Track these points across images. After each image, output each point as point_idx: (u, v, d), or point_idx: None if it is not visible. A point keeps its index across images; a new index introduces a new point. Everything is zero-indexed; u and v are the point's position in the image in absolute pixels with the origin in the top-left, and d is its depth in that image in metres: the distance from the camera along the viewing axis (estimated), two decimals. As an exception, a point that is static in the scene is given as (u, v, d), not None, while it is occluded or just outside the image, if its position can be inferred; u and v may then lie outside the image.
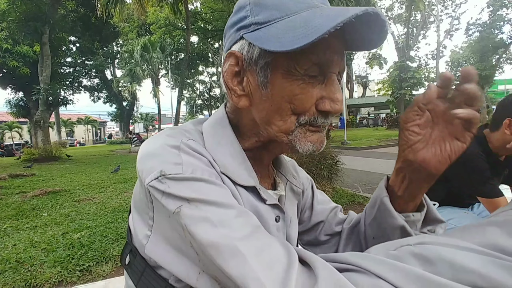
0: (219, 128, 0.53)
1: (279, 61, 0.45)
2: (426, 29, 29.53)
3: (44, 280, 2.29)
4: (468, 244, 0.35)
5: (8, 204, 4.63)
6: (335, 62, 0.46)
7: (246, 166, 0.51)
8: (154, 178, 0.43)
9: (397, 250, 0.38)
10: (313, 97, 0.45)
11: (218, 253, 0.37)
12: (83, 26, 15.66)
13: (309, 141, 0.47)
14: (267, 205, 0.52)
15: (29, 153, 11.03)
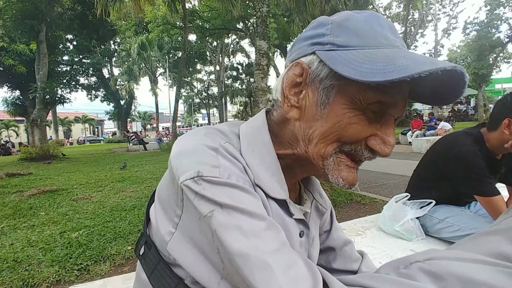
0: (257, 134, 0.52)
1: (346, 87, 0.43)
2: (424, 28, 29.60)
3: (41, 280, 2.29)
4: (475, 256, 0.35)
5: (5, 203, 4.61)
6: (399, 106, 0.45)
7: (279, 178, 0.50)
8: (189, 177, 0.42)
9: (407, 268, 0.38)
10: (367, 132, 0.44)
11: (246, 264, 0.37)
12: (80, 24, 15.54)
13: (341, 177, 0.46)
14: (293, 219, 0.51)
15: (26, 152, 10.97)
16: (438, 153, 1.65)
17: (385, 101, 0.43)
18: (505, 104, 1.39)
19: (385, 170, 7.08)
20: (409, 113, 26.74)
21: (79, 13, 15.44)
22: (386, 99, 0.43)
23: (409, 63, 0.37)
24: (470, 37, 25.11)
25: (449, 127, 11.14)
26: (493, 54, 23.71)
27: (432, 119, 13.00)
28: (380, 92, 0.42)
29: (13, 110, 15.70)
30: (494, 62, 24.24)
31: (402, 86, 0.43)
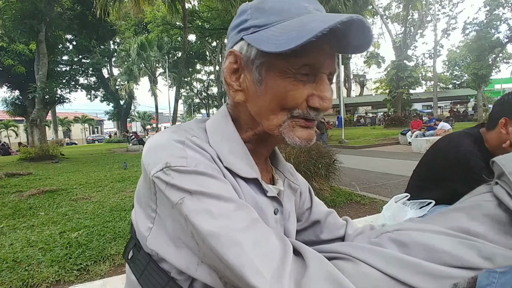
0: (221, 125, 0.56)
1: (273, 61, 0.48)
2: (424, 28, 29.61)
3: (41, 280, 2.28)
4: (438, 228, 0.39)
5: (4, 203, 4.60)
6: (325, 64, 0.49)
7: (248, 160, 0.54)
8: (159, 169, 0.45)
9: (378, 237, 0.42)
10: (304, 94, 0.48)
11: (218, 242, 0.39)
12: (80, 24, 15.55)
13: (296, 136, 0.51)
14: (266, 198, 0.55)
15: (25, 152, 10.96)
16: (437, 154, 1.65)
17: (310, 63, 0.47)
18: (503, 104, 1.40)
19: (385, 170, 7.08)
20: (408, 113, 26.78)
21: (79, 13, 15.45)
22: (310, 60, 0.47)
23: (316, 24, 0.41)
24: (470, 37, 25.14)
25: (448, 127, 11.14)
26: (493, 55, 23.74)
27: (432, 119, 13.01)
28: (303, 56, 0.46)
29: (12, 110, 15.67)
30: (494, 63, 24.26)
31: (320, 45, 0.46)
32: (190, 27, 19.50)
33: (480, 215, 0.39)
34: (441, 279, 0.37)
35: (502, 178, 0.39)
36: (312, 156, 4.32)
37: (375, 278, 0.37)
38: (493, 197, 0.39)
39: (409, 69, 26.05)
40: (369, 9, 23.64)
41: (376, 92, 43.41)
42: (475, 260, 0.37)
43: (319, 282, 0.37)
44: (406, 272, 0.37)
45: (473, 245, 0.37)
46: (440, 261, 0.37)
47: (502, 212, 0.38)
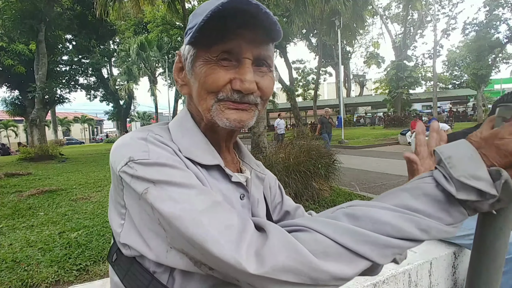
0: (182, 122, 0.61)
1: (198, 52, 0.55)
2: (423, 28, 29.66)
3: (41, 280, 2.28)
4: (385, 205, 0.44)
5: (4, 203, 4.60)
6: (245, 49, 0.53)
7: (210, 150, 0.58)
8: (124, 164, 0.49)
9: (334, 212, 0.47)
10: (225, 77, 0.53)
11: (182, 224, 0.43)
12: (80, 24, 15.51)
13: (225, 117, 0.54)
14: (232, 185, 0.59)
15: (25, 152, 10.95)
16: None
17: (228, 49, 0.52)
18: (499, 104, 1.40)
19: (384, 170, 7.09)
20: (408, 113, 26.80)
21: (79, 13, 15.42)
22: (227, 46, 0.52)
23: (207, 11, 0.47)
24: (469, 37, 25.16)
25: (447, 127, 11.15)
26: (492, 55, 23.76)
27: (431, 119, 13.02)
28: (221, 43, 0.52)
29: (12, 110, 15.65)
30: (493, 63, 24.28)
31: (237, 32, 0.51)
32: (190, 27, 19.45)
33: (420, 194, 0.44)
34: (385, 248, 0.42)
35: (440, 164, 0.45)
36: (312, 156, 4.32)
37: (327, 245, 0.42)
38: (432, 180, 0.45)
39: (409, 69, 26.07)
40: (369, 9, 23.63)
41: (375, 92, 43.43)
42: (413, 231, 0.42)
43: (278, 249, 0.41)
44: (354, 241, 0.42)
45: (412, 219, 0.42)
46: (384, 232, 0.42)
47: (439, 192, 0.43)
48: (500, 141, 0.43)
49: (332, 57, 32.06)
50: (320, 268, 0.41)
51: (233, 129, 0.57)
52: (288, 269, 0.41)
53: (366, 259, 0.42)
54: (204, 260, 0.45)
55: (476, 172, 0.42)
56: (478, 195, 0.41)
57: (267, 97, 0.59)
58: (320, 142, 4.86)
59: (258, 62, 0.55)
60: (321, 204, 4.00)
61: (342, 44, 25.00)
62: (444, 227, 0.43)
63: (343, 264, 0.42)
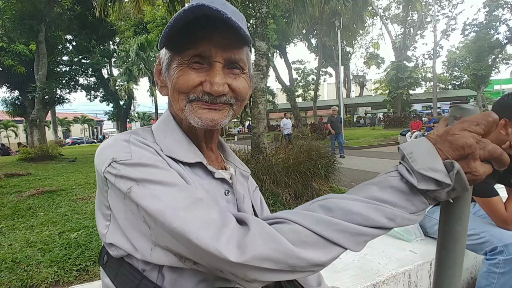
0: (164, 124, 0.64)
1: (173, 56, 0.58)
2: (423, 29, 29.66)
3: (40, 280, 2.28)
4: (356, 197, 0.49)
5: (4, 203, 4.60)
6: (215, 52, 0.55)
7: (191, 149, 0.61)
8: (107, 165, 0.51)
9: (311, 205, 0.51)
10: (195, 79, 0.56)
11: (165, 219, 0.45)
12: (80, 25, 15.51)
13: (197, 117, 0.57)
14: (215, 181, 0.62)
15: (25, 152, 10.94)
16: None
17: (198, 53, 0.55)
18: (503, 105, 1.39)
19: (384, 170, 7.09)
20: (408, 114, 26.79)
21: (79, 13, 15.42)
22: (198, 51, 0.55)
23: (174, 18, 0.51)
24: (469, 38, 25.18)
25: (448, 128, 11.15)
26: (492, 55, 23.78)
27: (431, 120, 13.03)
28: (191, 48, 0.55)
29: (12, 110, 15.63)
30: (493, 63, 24.32)
31: (207, 36, 0.54)
32: (190, 27, 19.45)
33: (387, 187, 0.48)
34: (356, 235, 0.46)
35: (404, 159, 0.49)
36: (312, 156, 4.32)
37: (305, 234, 0.46)
38: (397, 173, 0.49)
39: (409, 70, 26.07)
40: (369, 10, 23.65)
41: (375, 92, 43.44)
42: (381, 220, 0.46)
43: (258, 239, 0.45)
44: (329, 230, 0.46)
45: (380, 209, 0.46)
46: (355, 221, 0.46)
47: (403, 184, 0.48)
48: (451, 136, 0.47)
49: (332, 58, 32.05)
50: (297, 255, 0.44)
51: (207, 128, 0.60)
52: (268, 258, 0.44)
53: (340, 246, 0.46)
54: (188, 254, 0.47)
55: (433, 165, 0.46)
56: (436, 185, 0.45)
57: (242, 97, 0.61)
58: (319, 142, 4.84)
59: (230, 64, 0.58)
60: (321, 205, 3.99)
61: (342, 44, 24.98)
62: (408, 215, 0.47)
63: (319, 251, 0.45)
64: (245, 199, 0.69)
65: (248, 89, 0.63)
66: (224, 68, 0.57)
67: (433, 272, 1.65)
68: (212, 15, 0.50)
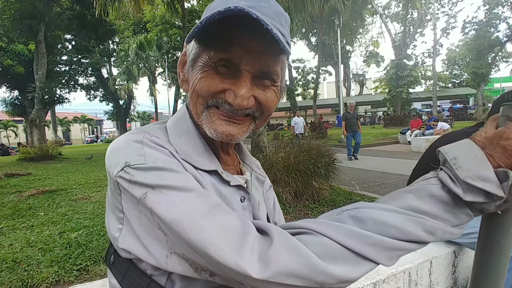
0: (180, 123, 0.59)
1: (201, 53, 0.52)
2: (423, 27, 29.60)
3: (41, 280, 2.28)
4: (390, 207, 0.44)
5: (4, 203, 4.60)
6: (245, 60, 0.49)
7: (208, 154, 0.57)
8: (120, 169, 0.47)
9: (339, 214, 0.47)
10: (218, 85, 0.50)
11: (182, 228, 0.42)
12: (79, 24, 15.46)
13: (213, 128, 0.53)
14: (231, 188, 0.58)
15: (25, 152, 10.94)
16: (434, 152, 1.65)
17: (227, 58, 0.49)
18: (502, 102, 1.39)
19: (384, 169, 7.09)
20: (408, 112, 26.78)
21: (78, 13, 15.38)
22: (227, 55, 0.49)
23: (216, 12, 0.44)
24: (469, 36, 25.14)
25: (447, 127, 11.16)
26: (492, 53, 23.75)
27: (431, 118, 13.02)
28: (221, 51, 0.49)
29: (11, 110, 15.63)
30: (493, 61, 24.30)
31: (240, 41, 0.48)
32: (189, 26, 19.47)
33: (426, 196, 0.44)
34: (390, 250, 0.42)
35: (446, 164, 0.44)
36: (312, 155, 4.32)
37: (332, 248, 0.42)
38: (438, 181, 0.44)
39: (409, 68, 26.07)
40: (369, 8, 23.60)
41: (375, 91, 43.41)
42: (419, 233, 0.42)
43: (282, 252, 0.41)
44: (360, 244, 0.41)
45: (418, 221, 0.42)
46: (389, 235, 0.42)
47: (444, 194, 0.43)
48: (506, 141, 0.42)
49: (331, 56, 32.02)
50: (325, 271, 0.40)
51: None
52: (293, 273, 0.40)
53: (372, 262, 0.42)
54: (206, 265, 0.43)
55: (482, 173, 0.41)
56: (485, 197, 0.41)
57: (268, 112, 0.56)
58: (320, 141, 4.84)
59: (261, 75, 0.52)
60: (321, 204, 3.99)
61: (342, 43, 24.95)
62: (450, 228, 0.42)
63: (348, 266, 0.41)
64: (260, 205, 0.66)
65: (276, 103, 0.56)
66: (253, 79, 0.51)
67: (433, 270, 1.65)
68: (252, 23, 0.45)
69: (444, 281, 1.69)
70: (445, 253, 1.67)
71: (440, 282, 1.66)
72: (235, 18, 0.44)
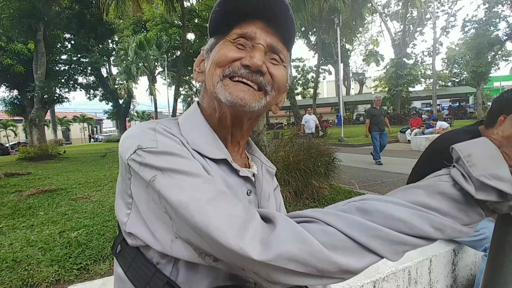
0: (191, 117, 0.62)
1: (218, 40, 0.59)
2: (423, 26, 29.58)
3: (41, 279, 2.28)
4: (399, 200, 0.43)
5: (4, 203, 4.60)
6: (259, 35, 0.56)
7: (217, 144, 0.59)
8: (132, 152, 0.49)
9: (345, 205, 0.46)
10: (235, 54, 0.56)
11: (187, 212, 0.43)
12: (78, 23, 15.43)
13: (228, 92, 0.55)
14: (239, 179, 0.59)
15: (24, 152, 10.94)
16: (436, 151, 1.65)
17: (243, 33, 0.56)
18: (502, 101, 1.39)
19: (384, 168, 7.09)
20: (408, 111, 26.78)
21: (77, 12, 15.36)
22: (243, 31, 0.56)
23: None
24: (469, 35, 25.12)
25: (446, 125, 11.17)
26: (492, 52, 23.74)
27: (431, 117, 13.02)
28: (238, 29, 0.56)
29: (11, 109, 15.61)
30: (493, 60, 24.28)
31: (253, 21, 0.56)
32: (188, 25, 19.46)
33: (436, 192, 0.43)
34: (396, 244, 0.41)
35: (459, 162, 0.44)
36: (312, 154, 4.32)
37: (338, 238, 0.41)
38: (449, 178, 0.44)
39: (408, 67, 26.07)
40: (368, 7, 23.58)
41: (375, 90, 43.36)
42: (427, 229, 0.41)
43: (285, 237, 0.41)
44: (365, 235, 0.41)
45: (426, 217, 0.41)
46: (396, 228, 0.41)
47: (456, 192, 0.42)
48: None
49: (331, 55, 31.99)
50: (328, 258, 0.40)
51: (237, 115, 0.58)
52: (294, 258, 0.40)
53: (376, 254, 0.41)
54: (209, 249, 0.44)
55: (497, 172, 0.40)
56: (499, 196, 0.40)
57: (278, 86, 0.59)
58: (319, 140, 4.84)
59: (271, 50, 0.57)
60: (321, 202, 4.00)
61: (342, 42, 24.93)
62: (459, 227, 0.42)
63: (352, 257, 0.41)
64: (270, 197, 0.67)
65: (285, 80, 0.61)
66: (266, 53, 0.57)
67: (432, 269, 1.65)
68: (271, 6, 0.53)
69: (444, 280, 1.69)
70: (444, 251, 1.67)
71: (440, 281, 1.67)
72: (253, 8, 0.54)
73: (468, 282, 1.86)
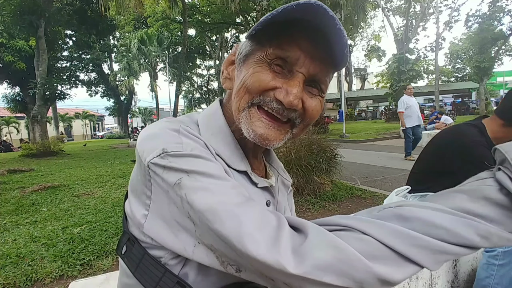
0: (212, 120, 0.58)
1: (255, 50, 0.52)
2: (425, 21, 29.27)
3: (45, 274, 2.31)
4: (439, 206, 0.40)
5: (7, 199, 4.63)
6: (300, 61, 0.49)
7: (238, 154, 0.56)
8: (156, 155, 0.46)
9: (380, 212, 0.43)
10: (270, 82, 0.50)
11: (215, 217, 0.40)
12: (79, 20, 15.41)
13: (252, 128, 0.51)
14: (258, 190, 0.57)
15: (27, 148, 10.99)
16: (440, 145, 1.64)
17: (284, 56, 0.49)
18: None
19: (386, 164, 7.08)
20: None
21: (78, 8, 15.33)
22: (284, 54, 0.49)
23: (283, 8, 0.45)
24: (472, 30, 24.87)
25: (450, 121, 11.10)
26: (495, 47, 23.50)
27: (434, 113, 12.95)
28: (278, 48, 0.49)
29: (13, 106, 15.69)
30: (496, 55, 24.04)
31: (298, 42, 0.49)
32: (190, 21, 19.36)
33: (481, 198, 0.40)
34: (438, 253, 0.38)
35: (505, 164, 0.40)
36: (313, 150, 4.32)
37: (374, 247, 0.39)
38: (495, 182, 0.40)
39: (411, 63, 25.85)
40: (370, 2, 23.37)
41: (377, 86, 43.18)
42: (472, 237, 0.38)
43: (318, 247, 0.38)
44: (404, 244, 0.38)
45: (471, 224, 0.38)
46: (438, 237, 0.38)
47: (503, 197, 0.39)
48: None
49: (333, 51, 31.76)
50: (366, 268, 0.37)
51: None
52: (330, 269, 0.37)
53: (416, 264, 0.39)
54: (235, 257, 0.41)
55: None
56: None
57: (310, 120, 0.54)
58: (321, 136, 4.82)
59: (311, 82, 0.52)
60: (323, 198, 4.00)
61: (343, 37, 24.70)
62: (507, 234, 0.39)
63: (391, 267, 0.38)
64: (285, 210, 0.65)
65: (319, 114, 0.55)
66: (304, 83, 0.51)
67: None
68: (323, 23, 0.45)
69: (445, 275, 1.70)
70: (446, 247, 1.67)
71: (441, 276, 1.67)
72: (301, 18, 0.46)
73: (469, 277, 1.86)
